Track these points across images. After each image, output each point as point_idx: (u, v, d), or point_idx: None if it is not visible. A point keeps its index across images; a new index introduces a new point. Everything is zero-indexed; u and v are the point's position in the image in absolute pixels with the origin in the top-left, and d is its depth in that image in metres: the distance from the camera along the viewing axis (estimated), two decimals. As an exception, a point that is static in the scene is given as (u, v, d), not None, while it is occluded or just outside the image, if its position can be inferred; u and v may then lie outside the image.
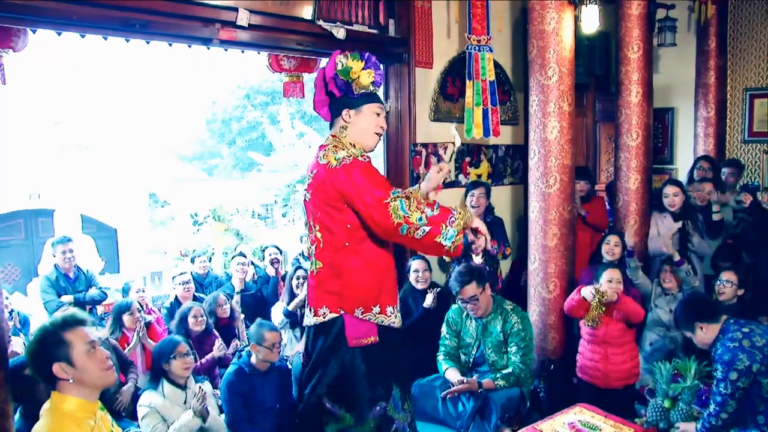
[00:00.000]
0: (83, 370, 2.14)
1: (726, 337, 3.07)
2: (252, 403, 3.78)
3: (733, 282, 4.10)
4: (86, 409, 2.15)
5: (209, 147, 19.60)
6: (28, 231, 10.00)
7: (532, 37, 4.58)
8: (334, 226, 2.69)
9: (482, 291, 3.89)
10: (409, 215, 2.51)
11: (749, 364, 2.94)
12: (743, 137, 6.58)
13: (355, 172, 2.58)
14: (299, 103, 17.36)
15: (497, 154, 6.10)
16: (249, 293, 5.84)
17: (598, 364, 4.06)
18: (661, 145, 7.08)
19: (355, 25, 4.85)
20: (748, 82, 6.50)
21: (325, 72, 2.73)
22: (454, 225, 2.50)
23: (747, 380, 2.95)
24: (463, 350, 4.08)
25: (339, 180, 2.59)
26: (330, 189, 2.62)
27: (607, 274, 4.06)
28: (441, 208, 2.55)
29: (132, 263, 10.86)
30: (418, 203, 2.54)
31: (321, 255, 2.75)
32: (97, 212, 10.91)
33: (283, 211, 15.65)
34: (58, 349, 2.12)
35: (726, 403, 2.99)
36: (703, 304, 3.33)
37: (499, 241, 5.05)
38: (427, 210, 2.52)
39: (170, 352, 3.59)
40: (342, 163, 2.60)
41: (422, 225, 2.51)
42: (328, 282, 2.74)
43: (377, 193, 2.55)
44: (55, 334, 2.14)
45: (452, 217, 2.52)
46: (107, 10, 3.62)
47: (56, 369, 2.10)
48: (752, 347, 2.96)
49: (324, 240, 2.73)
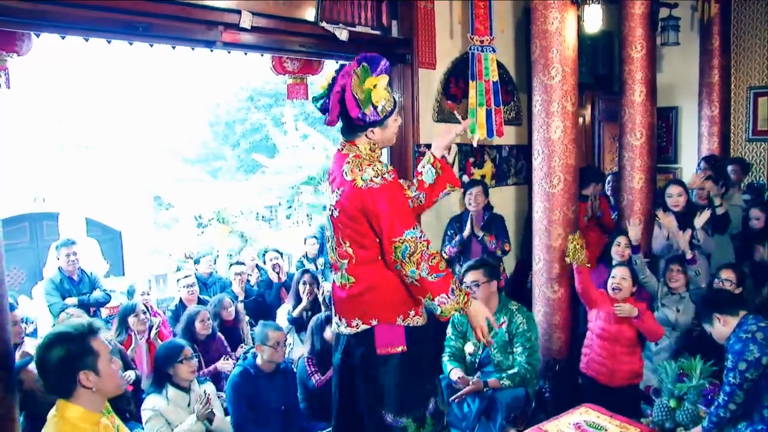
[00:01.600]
0: (105, 380, 2.14)
1: (740, 330, 3.08)
2: (257, 405, 3.79)
3: (732, 280, 4.10)
4: (90, 420, 2.14)
5: (213, 149, 19.61)
6: (33, 234, 10.01)
7: (535, 37, 4.58)
8: (365, 240, 2.68)
9: (486, 282, 3.90)
10: (405, 262, 2.57)
11: (759, 356, 2.94)
12: (747, 136, 6.57)
13: (381, 200, 2.57)
14: (303, 105, 17.37)
15: (501, 155, 6.09)
16: (251, 299, 5.85)
17: (606, 360, 4.05)
18: (665, 144, 7.07)
19: (357, 27, 4.84)
20: (752, 81, 6.49)
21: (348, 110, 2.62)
22: (445, 305, 2.59)
23: (756, 372, 2.96)
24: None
25: (364, 201, 2.58)
26: (357, 207, 2.61)
27: (617, 271, 4.11)
28: (442, 279, 2.58)
29: (136, 266, 10.87)
30: (421, 257, 2.56)
31: (354, 270, 2.74)
32: (102, 215, 10.91)
33: (287, 213, 15.66)
34: (86, 358, 2.10)
35: (734, 393, 3.00)
36: (724, 296, 3.36)
37: (497, 237, 5.04)
38: (424, 270, 2.55)
39: (176, 357, 3.60)
40: (369, 185, 2.58)
41: (412, 278, 2.59)
42: (361, 296, 2.74)
43: (394, 227, 2.57)
44: (83, 342, 2.12)
45: (443, 297, 2.58)
46: (111, 14, 3.62)
47: (82, 378, 2.08)
48: (765, 340, 2.97)
49: (356, 255, 2.71)
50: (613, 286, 4.09)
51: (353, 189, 2.60)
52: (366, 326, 2.75)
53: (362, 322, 2.75)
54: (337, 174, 2.72)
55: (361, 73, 2.64)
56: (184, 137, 19.21)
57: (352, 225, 2.67)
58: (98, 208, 10.75)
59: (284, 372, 4.00)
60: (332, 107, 2.64)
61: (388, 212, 2.57)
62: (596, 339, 4.13)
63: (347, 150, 2.74)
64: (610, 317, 4.05)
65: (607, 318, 4.07)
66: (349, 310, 2.79)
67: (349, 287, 2.76)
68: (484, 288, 3.90)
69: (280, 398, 3.90)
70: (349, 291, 2.77)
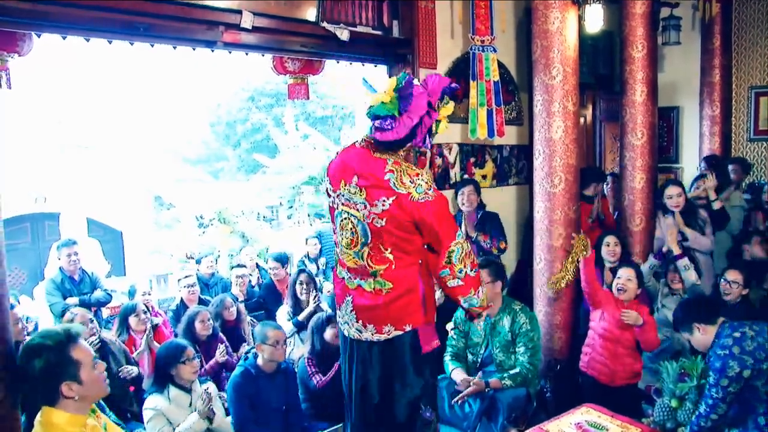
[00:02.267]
0: (89, 387, 2.12)
1: (717, 344, 3.10)
2: (258, 405, 3.79)
3: (739, 282, 4.07)
4: (77, 423, 2.12)
5: (214, 149, 19.62)
6: (35, 235, 10.02)
7: (536, 36, 4.58)
8: (409, 247, 2.72)
9: (490, 282, 3.90)
10: (455, 264, 2.70)
11: (740, 370, 2.98)
12: (749, 135, 6.57)
13: (437, 211, 2.65)
14: (304, 105, 17.38)
15: (502, 155, 6.09)
16: (253, 301, 5.85)
17: (608, 360, 4.05)
18: (666, 144, 7.07)
19: (358, 27, 4.84)
20: (754, 80, 6.48)
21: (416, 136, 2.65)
22: (480, 296, 2.81)
23: (738, 385, 3.00)
24: (470, 350, 4.07)
25: (422, 213, 2.61)
26: (413, 218, 2.63)
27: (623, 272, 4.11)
28: (478, 274, 2.84)
29: (138, 266, 10.88)
30: (467, 255, 2.72)
31: (391, 275, 2.73)
32: (103, 215, 10.93)
33: (288, 213, 15.65)
34: (66, 369, 2.08)
35: (717, 406, 3.04)
36: (701, 305, 3.33)
37: (491, 235, 5.02)
38: (468, 267, 2.73)
39: (179, 357, 3.59)
40: (425, 198, 2.61)
41: (459, 277, 2.73)
42: (399, 299, 2.74)
43: (450, 234, 2.69)
44: (62, 353, 2.09)
45: (481, 289, 2.82)
46: (112, 14, 3.63)
47: (65, 389, 2.06)
48: (742, 353, 2.99)
49: (396, 261, 2.72)
50: (618, 286, 4.08)
51: (408, 202, 2.60)
52: (399, 332, 2.76)
53: (395, 328, 2.75)
54: (375, 179, 2.65)
55: (440, 106, 2.69)
56: (185, 137, 19.22)
57: (400, 233, 2.66)
58: (99, 208, 10.76)
59: (285, 372, 4.00)
60: (400, 132, 2.61)
61: (444, 222, 2.68)
62: (598, 339, 4.12)
63: (382, 154, 2.69)
64: (613, 319, 4.04)
65: (610, 319, 4.06)
66: (382, 316, 2.76)
67: (386, 292, 2.73)
68: (488, 288, 3.89)
69: (281, 398, 3.90)
70: (386, 296, 2.74)
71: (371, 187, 2.65)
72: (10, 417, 2.64)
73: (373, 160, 2.68)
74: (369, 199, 2.65)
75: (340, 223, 2.80)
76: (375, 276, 2.73)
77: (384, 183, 2.61)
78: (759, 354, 2.98)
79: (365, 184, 2.66)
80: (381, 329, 2.76)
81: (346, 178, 2.73)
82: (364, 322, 2.80)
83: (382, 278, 2.72)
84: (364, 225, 2.69)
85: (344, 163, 2.78)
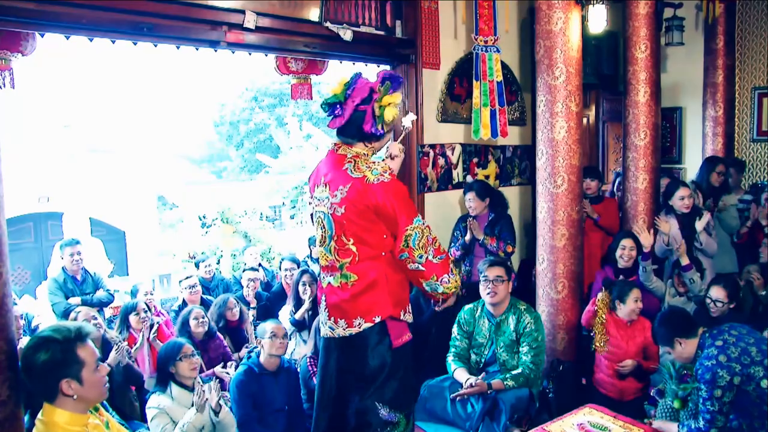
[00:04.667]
0: (88, 388, 2.12)
1: (703, 355, 3.08)
2: (261, 404, 3.79)
3: (722, 300, 3.99)
4: (78, 422, 2.12)
5: (218, 150, 19.67)
6: (38, 234, 10.06)
7: (539, 37, 4.57)
8: (370, 238, 2.74)
9: (507, 281, 3.96)
10: (414, 248, 2.70)
11: (730, 378, 2.96)
12: (752, 136, 6.55)
13: (393, 192, 2.69)
14: (306, 105, 17.41)
15: (505, 155, 6.09)
16: (261, 304, 5.81)
17: (614, 380, 4.09)
18: (670, 144, 7.05)
19: (361, 27, 4.85)
20: (757, 81, 6.46)
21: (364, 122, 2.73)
22: (446, 284, 2.77)
23: (731, 393, 2.99)
24: (474, 350, 4.07)
25: (377, 195, 2.65)
26: (368, 201, 2.66)
27: (634, 294, 4.11)
28: (444, 261, 2.77)
29: (141, 266, 10.91)
30: (427, 241, 2.72)
31: (356, 267, 2.78)
32: (106, 215, 10.96)
33: (291, 213, 15.67)
34: (69, 366, 2.08)
35: (715, 419, 3.01)
36: (679, 319, 3.30)
37: (499, 238, 5.02)
38: (430, 253, 2.72)
39: (176, 354, 3.61)
40: (380, 179, 2.67)
41: (419, 262, 2.72)
42: (365, 293, 2.77)
43: (405, 221, 2.69)
44: (68, 349, 2.09)
45: (446, 277, 2.76)
46: (115, 14, 3.63)
47: (64, 386, 2.06)
48: (729, 361, 2.98)
49: (359, 252, 2.76)
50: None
51: (364, 184, 2.66)
52: (369, 324, 2.77)
53: (365, 321, 2.77)
54: (336, 173, 2.76)
55: (382, 91, 2.73)
56: (189, 138, 19.27)
57: (359, 221, 2.71)
58: (102, 208, 10.80)
59: (288, 371, 4.01)
60: (345, 114, 2.73)
61: (400, 203, 2.69)
62: (604, 360, 4.15)
63: (344, 151, 2.80)
64: (617, 341, 4.08)
65: (614, 342, 4.09)
66: (351, 309, 2.80)
67: (352, 285, 2.78)
68: (504, 285, 3.93)
69: (284, 398, 3.90)
70: (351, 290, 2.78)
71: (332, 180, 2.77)
72: (13, 416, 2.64)
73: (336, 157, 2.80)
74: (331, 192, 2.76)
75: (315, 224, 2.92)
76: (341, 269, 2.80)
77: (343, 173, 2.73)
78: (744, 359, 2.97)
79: (328, 180, 2.79)
80: (352, 323, 2.80)
81: (317, 181, 2.88)
82: (336, 318, 2.85)
83: (347, 271, 2.79)
84: (328, 217, 2.80)
85: (317, 168, 2.94)
